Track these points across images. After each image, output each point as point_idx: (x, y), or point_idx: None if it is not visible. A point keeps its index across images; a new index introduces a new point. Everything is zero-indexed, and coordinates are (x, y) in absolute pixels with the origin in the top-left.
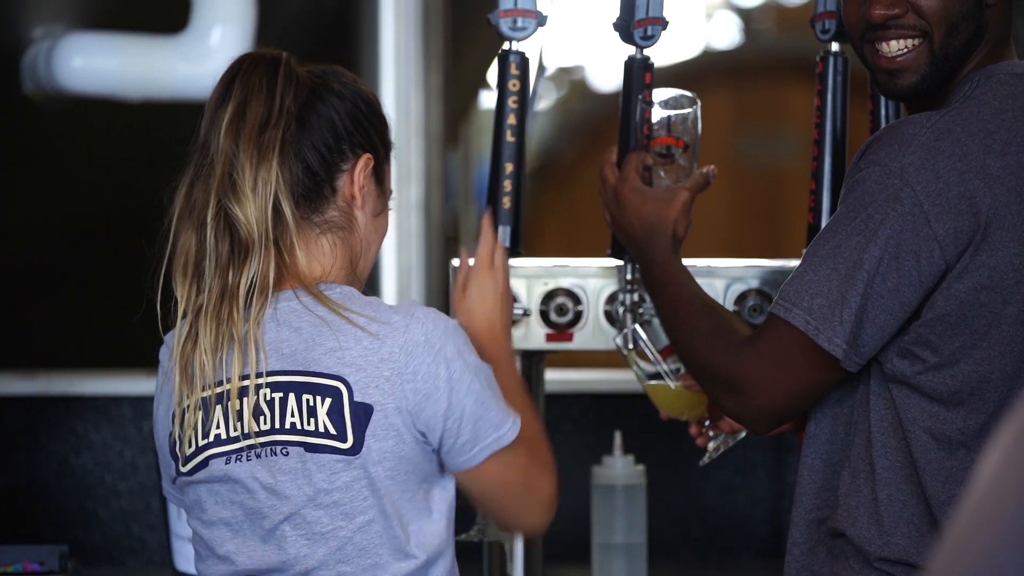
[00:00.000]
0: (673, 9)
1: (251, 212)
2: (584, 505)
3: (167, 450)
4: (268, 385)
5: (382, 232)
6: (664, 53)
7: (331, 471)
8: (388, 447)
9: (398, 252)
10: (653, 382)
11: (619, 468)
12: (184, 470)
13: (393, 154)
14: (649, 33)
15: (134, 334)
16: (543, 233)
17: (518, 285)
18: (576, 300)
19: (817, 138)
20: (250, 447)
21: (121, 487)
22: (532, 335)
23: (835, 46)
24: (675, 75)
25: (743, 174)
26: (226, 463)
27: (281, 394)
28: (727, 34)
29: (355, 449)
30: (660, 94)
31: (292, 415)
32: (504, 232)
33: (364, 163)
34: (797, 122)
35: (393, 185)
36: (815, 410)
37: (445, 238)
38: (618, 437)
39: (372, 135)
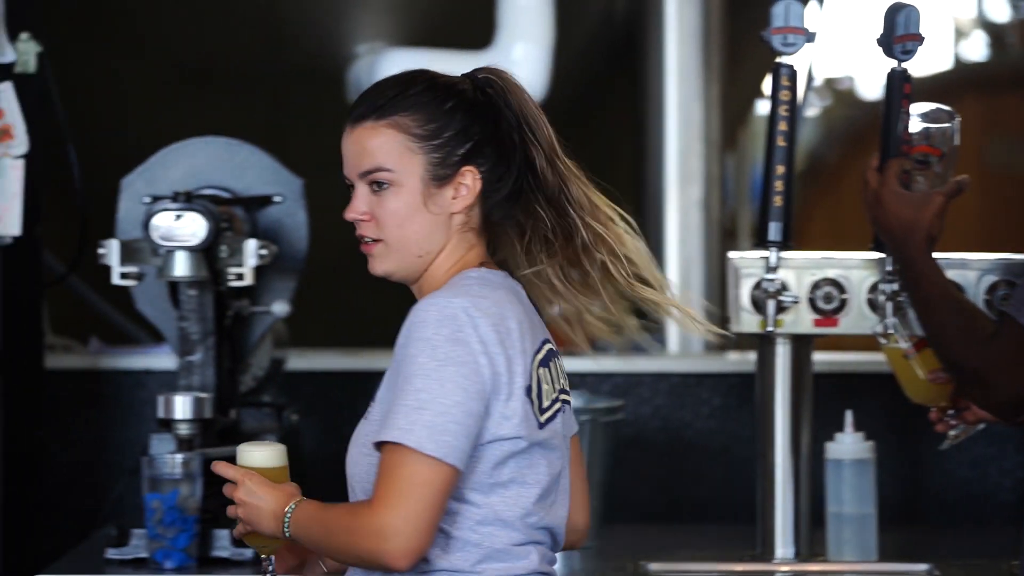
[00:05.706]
0: (930, 26)
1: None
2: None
3: (523, 396)
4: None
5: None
6: (921, 66)
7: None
8: None
9: (680, 246)
10: (904, 355)
11: (848, 444)
12: (543, 419)
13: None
14: (908, 48)
15: None
16: (811, 229)
17: (789, 275)
18: (841, 289)
19: None
20: (564, 403)
21: None
22: (801, 320)
23: None
24: (931, 86)
25: (993, 178)
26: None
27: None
28: (978, 49)
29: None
30: (921, 107)
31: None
32: (776, 228)
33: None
34: None
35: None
36: None
37: (723, 233)
38: (849, 415)
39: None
